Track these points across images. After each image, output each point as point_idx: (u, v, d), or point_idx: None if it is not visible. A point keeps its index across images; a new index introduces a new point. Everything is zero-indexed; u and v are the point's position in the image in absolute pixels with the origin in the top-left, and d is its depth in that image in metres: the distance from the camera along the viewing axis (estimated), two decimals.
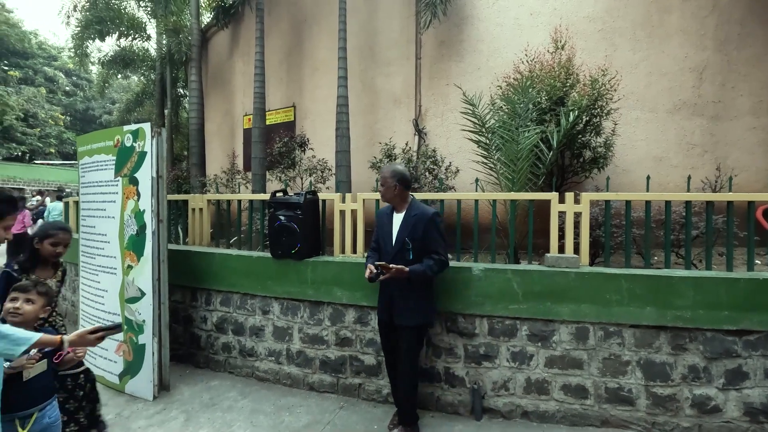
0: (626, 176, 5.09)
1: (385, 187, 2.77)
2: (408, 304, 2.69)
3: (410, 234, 2.66)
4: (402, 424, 2.81)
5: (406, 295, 2.69)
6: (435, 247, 2.64)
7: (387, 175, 2.75)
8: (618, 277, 2.78)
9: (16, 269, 2.47)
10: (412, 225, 2.67)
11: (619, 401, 2.81)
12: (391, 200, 2.80)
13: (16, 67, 26.58)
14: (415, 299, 2.70)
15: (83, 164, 4.01)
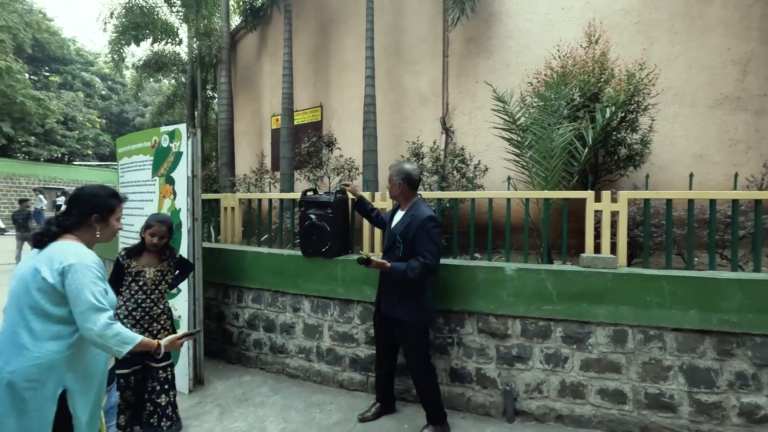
0: (664, 174, 4.90)
1: (391, 185, 2.85)
2: (392, 296, 2.76)
3: (402, 232, 2.70)
4: (431, 423, 2.81)
5: (390, 289, 2.79)
6: (422, 250, 2.61)
7: (393, 173, 2.84)
8: (659, 279, 2.68)
9: (123, 255, 2.77)
10: (406, 224, 2.71)
11: (660, 407, 2.71)
12: (396, 197, 2.89)
13: (56, 73, 27.90)
14: (400, 294, 2.73)
15: (122, 165, 4.16)
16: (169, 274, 2.91)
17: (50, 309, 1.58)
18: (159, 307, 2.81)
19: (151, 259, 2.81)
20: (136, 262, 2.77)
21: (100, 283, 1.63)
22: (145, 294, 2.73)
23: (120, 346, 1.60)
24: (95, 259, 1.67)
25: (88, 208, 1.73)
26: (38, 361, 1.55)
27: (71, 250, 1.63)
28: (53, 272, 1.57)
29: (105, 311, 1.59)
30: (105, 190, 1.82)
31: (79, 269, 1.58)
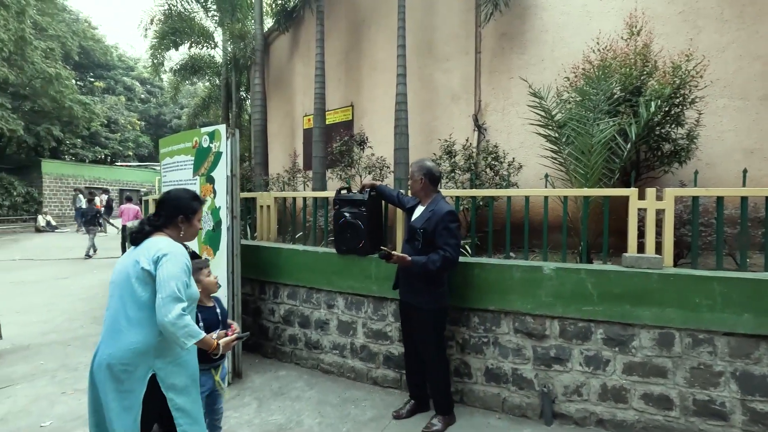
0: (711, 170, 4.64)
1: (412, 181, 2.93)
2: (410, 284, 2.88)
3: (422, 226, 2.78)
4: (439, 413, 2.91)
5: (408, 277, 2.91)
6: (442, 243, 2.69)
7: (415, 170, 2.92)
8: (710, 280, 2.55)
9: None
10: (426, 218, 2.79)
11: (709, 415, 2.58)
12: (417, 193, 2.94)
13: (100, 79, 29.36)
14: (417, 283, 2.83)
15: (165, 164, 4.34)
16: None
17: (144, 296, 1.77)
18: None
19: None
20: None
21: (185, 276, 1.81)
22: None
23: (186, 338, 1.72)
24: (185, 252, 1.88)
25: (174, 210, 1.96)
26: (132, 347, 1.75)
27: (166, 242, 1.87)
28: (150, 260, 1.78)
29: (181, 302, 1.74)
30: (188, 194, 2.05)
31: (172, 259, 1.78)
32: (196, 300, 1.96)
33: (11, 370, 3.85)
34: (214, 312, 2.38)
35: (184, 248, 1.93)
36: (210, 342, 1.84)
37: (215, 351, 1.86)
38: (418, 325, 2.88)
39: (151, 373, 1.80)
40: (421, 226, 2.79)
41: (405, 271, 2.88)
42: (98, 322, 5.31)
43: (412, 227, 2.89)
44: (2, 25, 14.41)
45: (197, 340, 1.76)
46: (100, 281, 7.87)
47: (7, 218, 18.11)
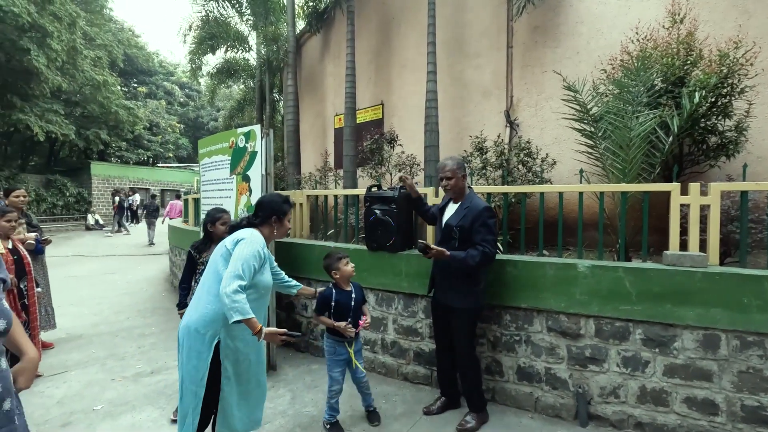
0: (762, 164, 4.37)
1: (454, 179, 2.81)
2: (446, 283, 2.83)
3: (459, 223, 2.72)
4: (472, 410, 2.88)
5: (445, 276, 2.83)
6: (480, 240, 2.64)
7: (455, 168, 2.81)
8: (761, 279, 2.41)
9: (193, 249, 3.15)
10: (462, 216, 2.74)
11: (759, 422, 2.44)
12: (455, 190, 2.83)
13: (142, 84, 30.83)
14: (453, 281, 2.78)
15: (203, 164, 4.52)
16: None
17: (223, 271, 2.02)
18: None
19: None
20: (206, 253, 3.08)
21: (254, 261, 2.04)
22: None
23: (234, 312, 1.89)
24: (263, 243, 2.17)
25: (270, 211, 2.27)
26: (205, 312, 2.05)
27: (248, 231, 2.18)
28: (233, 242, 2.10)
29: (241, 280, 1.94)
30: (281, 198, 2.37)
31: (248, 243, 2.07)
32: (267, 287, 2.20)
33: (67, 358, 4.13)
34: (349, 296, 2.79)
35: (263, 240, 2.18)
36: (255, 325, 1.94)
37: (258, 335, 1.96)
38: (455, 325, 2.84)
39: (217, 339, 2.05)
40: (458, 224, 2.73)
41: (443, 271, 2.83)
42: (142, 315, 5.61)
43: (447, 226, 2.81)
44: (56, 36, 15.39)
45: (243, 318, 1.90)
46: (144, 276, 8.29)
47: (60, 217, 19.37)
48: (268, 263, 2.23)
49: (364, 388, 2.92)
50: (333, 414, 2.86)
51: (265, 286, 2.18)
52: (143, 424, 2.91)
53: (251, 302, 2.02)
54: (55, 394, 3.38)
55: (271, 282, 2.25)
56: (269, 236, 2.27)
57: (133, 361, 4.08)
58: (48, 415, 3.05)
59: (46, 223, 17.19)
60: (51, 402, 3.25)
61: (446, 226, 2.81)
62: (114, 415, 3.06)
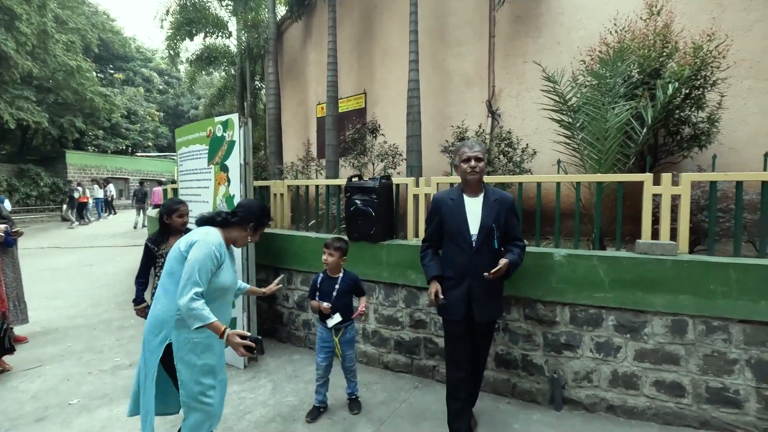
0: (733, 155, 4.49)
1: (481, 165, 2.40)
2: (491, 297, 2.48)
3: (496, 220, 2.40)
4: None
5: (487, 288, 2.42)
6: (517, 233, 2.51)
7: (482, 152, 2.41)
8: (726, 267, 2.50)
9: (150, 242, 3.06)
10: (495, 210, 2.42)
11: (722, 402, 2.56)
12: (478, 181, 2.45)
13: (119, 70, 29.87)
14: (496, 293, 2.53)
15: (181, 154, 4.43)
16: None
17: (178, 272, 1.97)
18: None
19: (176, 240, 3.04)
20: (165, 245, 3.04)
21: (211, 265, 1.96)
22: None
23: (193, 319, 1.87)
24: (219, 242, 2.04)
25: (251, 217, 2.20)
26: (157, 313, 2.03)
27: (203, 231, 2.06)
28: (186, 245, 2.00)
29: (198, 287, 1.89)
30: (265, 210, 2.32)
31: (202, 246, 1.96)
32: (227, 287, 2.11)
33: (41, 352, 4.05)
34: (332, 284, 2.86)
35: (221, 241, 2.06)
36: (218, 328, 1.89)
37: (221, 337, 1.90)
38: (488, 338, 2.66)
39: (168, 341, 2.00)
40: (495, 221, 2.41)
41: (476, 286, 2.40)
42: (121, 307, 5.51)
43: (485, 227, 2.40)
44: (25, 19, 14.74)
45: (204, 324, 1.87)
46: (123, 268, 8.13)
47: (35, 208, 18.78)
48: (228, 261, 2.13)
49: (350, 376, 2.98)
50: (317, 398, 2.94)
51: (224, 287, 2.09)
52: (120, 417, 2.88)
53: (212, 303, 1.98)
54: (30, 388, 3.32)
55: (231, 281, 2.14)
56: (238, 238, 2.20)
57: (111, 354, 4.02)
58: (22, 410, 2.99)
59: (19, 214, 16.63)
60: (25, 397, 3.19)
61: (483, 227, 2.40)
62: (90, 408, 3.02)
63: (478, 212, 2.43)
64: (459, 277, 2.44)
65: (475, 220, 2.42)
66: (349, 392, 3.02)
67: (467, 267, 2.41)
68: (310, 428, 2.77)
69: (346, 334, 2.91)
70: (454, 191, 2.54)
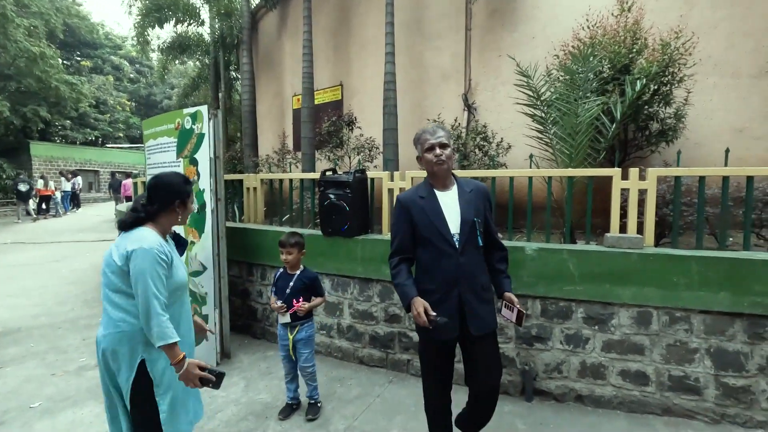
0: (699, 150, 4.65)
1: (449, 152, 2.04)
2: (482, 309, 2.06)
3: (476, 212, 2.06)
4: None
5: (480, 294, 2.07)
6: (495, 235, 2.17)
7: (446, 137, 2.06)
8: (688, 260, 2.58)
9: None
10: (474, 202, 2.07)
11: (683, 390, 2.65)
12: (448, 169, 2.09)
13: (87, 58, 28.65)
14: (489, 300, 2.12)
15: (149, 146, 4.27)
16: None
17: (123, 287, 1.75)
18: None
19: None
20: None
21: (161, 270, 1.74)
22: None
23: (157, 339, 1.69)
24: (158, 242, 1.78)
25: (170, 195, 1.89)
26: (117, 330, 1.76)
27: (136, 237, 1.77)
28: (120, 256, 1.73)
29: (157, 299, 1.69)
30: (179, 177, 1.99)
31: (142, 255, 1.70)
32: (183, 284, 1.93)
33: (2, 353, 3.87)
34: (287, 282, 2.80)
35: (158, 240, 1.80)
36: (176, 354, 1.72)
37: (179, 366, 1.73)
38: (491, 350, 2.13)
39: (140, 358, 1.78)
40: (476, 214, 2.06)
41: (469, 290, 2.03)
42: (89, 305, 5.33)
43: (466, 222, 2.03)
44: None
45: (165, 344, 1.69)
46: (90, 264, 7.86)
47: None
48: (175, 256, 1.91)
49: (307, 378, 2.85)
50: (287, 394, 2.91)
51: (181, 284, 1.90)
52: (85, 420, 2.79)
53: (172, 307, 1.81)
54: None
55: (183, 278, 1.92)
56: (172, 224, 1.94)
57: (77, 354, 3.88)
58: None
59: None
60: None
61: (465, 223, 2.03)
62: (53, 411, 2.91)
63: (455, 207, 2.06)
64: (446, 288, 2.02)
65: (455, 217, 2.04)
66: (307, 395, 2.88)
67: (455, 273, 2.00)
68: (282, 426, 2.74)
69: (300, 332, 2.81)
70: (422, 188, 2.14)
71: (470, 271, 2.03)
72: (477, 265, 2.06)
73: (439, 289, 2.03)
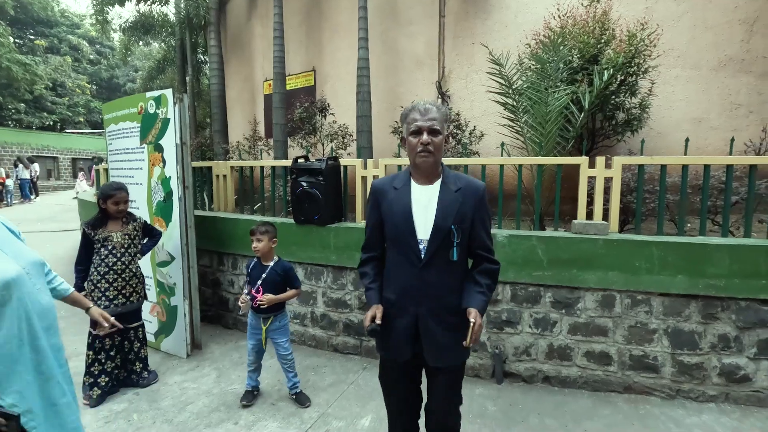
0: (662, 140, 4.82)
1: (439, 139, 1.61)
2: (453, 338, 1.64)
3: (457, 217, 1.63)
4: None
5: (446, 321, 1.65)
6: (487, 243, 1.71)
7: (439, 121, 1.60)
8: (649, 245, 2.69)
9: (87, 227, 2.90)
10: (458, 203, 1.64)
11: (643, 368, 2.79)
12: (434, 165, 1.65)
13: (41, 36, 26.91)
14: (455, 329, 1.65)
15: (110, 132, 4.08)
16: (137, 238, 3.05)
17: None
18: (131, 269, 2.97)
19: (115, 225, 2.96)
20: (102, 230, 2.90)
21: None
22: (115, 257, 2.91)
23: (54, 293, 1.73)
24: None
25: None
26: None
27: None
28: None
29: None
30: None
31: None
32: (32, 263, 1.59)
33: None
34: (260, 272, 2.75)
35: None
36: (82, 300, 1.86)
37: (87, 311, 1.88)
38: (450, 383, 1.78)
39: None
40: (456, 221, 1.63)
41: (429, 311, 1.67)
42: None
43: (440, 228, 1.62)
44: None
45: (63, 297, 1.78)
46: (53, 255, 7.50)
47: None
48: None
49: (286, 366, 2.86)
50: (248, 382, 2.91)
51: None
52: None
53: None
54: None
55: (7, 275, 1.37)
56: None
57: None
58: None
59: None
60: None
61: (437, 230, 1.63)
62: None
63: (430, 207, 1.65)
64: (402, 303, 1.69)
65: (426, 219, 1.65)
66: (289, 386, 2.87)
67: (412, 289, 1.66)
68: (255, 415, 2.73)
69: (274, 322, 2.80)
70: (402, 176, 1.76)
71: (434, 288, 1.65)
72: (445, 284, 1.65)
73: (397, 303, 1.70)
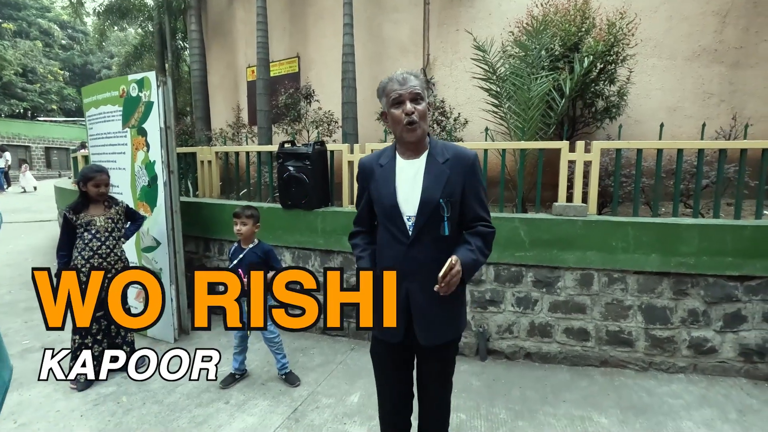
0: (638, 127, 4.98)
1: (423, 105, 1.52)
2: (436, 317, 1.61)
3: (445, 190, 1.54)
4: None
5: (435, 297, 1.51)
6: (481, 211, 1.62)
7: (420, 87, 1.52)
8: (625, 225, 2.82)
9: (68, 211, 2.83)
10: (446, 175, 1.55)
11: (618, 343, 2.94)
12: (421, 136, 1.56)
13: (9, 19, 25.74)
14: (449, 308, 1.63)
15: (90, 116, 3.99)
16: (120, 222, 3.00)
17: None
18: (115, 253, 2.93)
19: (97, 209, 2.90)
20: (84, 214, 2.85)
21: None
22: (99, 241, 2.85)
23: None
24: None
25: None
26: None
27: None
28: None
29: None
30: None
31: None
32: None
33: None
34: (238, 255, 2.77)
35: None
36: None
37: None
38: (441, 365, 1.75)
39: None
40: (445, 194, 1.54)
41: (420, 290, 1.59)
42: (28, 287, 4.99)
43: (427, 203, 1.54)
44: None
45: None
46: (28, 246, 7.33)
47: None
48: None
49: (273, 348, 2.89)
50: (233, 365, 2.94)
51: None
52: (33, 401, 2.67)
53: None
54: None
55: None
56: None
57: (19, 336, 3.67)
58: None
59: None
60: None
61: (424, 204, 1.55)
62: None
63: (417, 182, 1.58)
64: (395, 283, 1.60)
65: (413, 194, 1.57)
66: (278, 367, 2.91)
67: (402, 266, 1.59)
68: (246, 394, 2.77)
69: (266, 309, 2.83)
70: (387, 152, 1.69)
71: (424, 265, 1.56)
72: (435, 260, 1.51)
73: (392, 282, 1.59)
